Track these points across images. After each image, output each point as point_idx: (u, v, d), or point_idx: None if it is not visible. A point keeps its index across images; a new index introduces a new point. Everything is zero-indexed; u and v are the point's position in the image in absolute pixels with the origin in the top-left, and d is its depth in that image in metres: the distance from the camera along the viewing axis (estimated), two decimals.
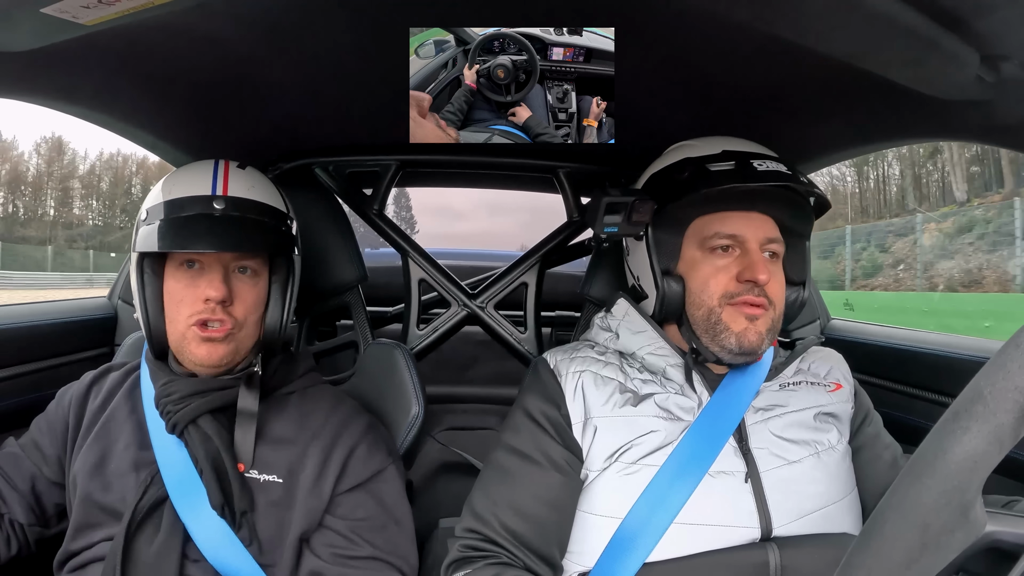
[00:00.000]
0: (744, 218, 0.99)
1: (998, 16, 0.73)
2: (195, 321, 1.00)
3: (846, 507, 0.97)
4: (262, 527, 0.99)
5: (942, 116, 1.01)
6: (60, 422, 1.09)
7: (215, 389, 1.02)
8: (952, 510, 0.46)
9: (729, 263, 0.99)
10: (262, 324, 1.07)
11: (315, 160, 1.60)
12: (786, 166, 0.99)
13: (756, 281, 0.96)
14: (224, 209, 1.02)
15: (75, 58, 0.95)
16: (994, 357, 0.47)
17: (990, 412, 0.45)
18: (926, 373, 1.41)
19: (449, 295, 1.67)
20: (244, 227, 1.03)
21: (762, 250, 0.99)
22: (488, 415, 2.01)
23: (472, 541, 0.95)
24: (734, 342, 0.97)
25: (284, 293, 1.08)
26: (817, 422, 1.00)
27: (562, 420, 1.00)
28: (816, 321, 1.83)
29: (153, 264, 1.03)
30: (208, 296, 0.99)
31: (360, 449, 1.06)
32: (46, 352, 1.48)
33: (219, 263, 1.02)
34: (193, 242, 0.99)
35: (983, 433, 0.45)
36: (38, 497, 1.06)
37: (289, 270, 1.09)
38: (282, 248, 1.08)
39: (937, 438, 0.47)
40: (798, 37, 0.83)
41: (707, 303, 0.99)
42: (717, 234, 0.99)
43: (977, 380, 0.47)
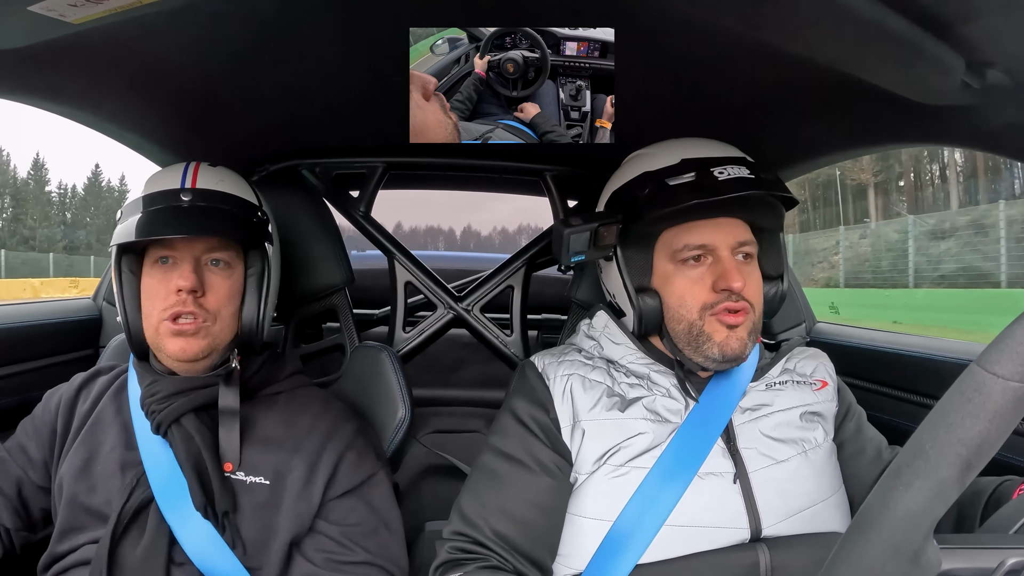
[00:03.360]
0: (711, 225, 0.98)
1: (983, 23, 0.74)
2: (168, 315, 1.00)
3: (834, 505, 0.97)
4: (247, 529, 0.98)
5: (928, 121, 1.02)
6: (47, 426, 1.08)
7: (197, 388, 1.02)
8: (902, 559, 0.46)
9: (703, 273, 0.98)
10: (239, 319, 1.07)
11: (301, 162, 1.59)
12: (748, 168, 0.97)
13: (731, 289, 0.95)
14: (191, 200, 1.04)
15: (62, 57, 0.94)
16: (937, 407, 0.47)
17: (931, 468, 0.46)
18: (911, 376, 1.43)
19: (435, 298, 1.66)
20: (210, 215, 1.05)
21: (734, 254, 0.98)
22: (474, 418, 2.00)
23: (461, 543, 0.95)
24: (717, 352, 0.96)
25: (260, 287, 1.08)
26: (803, 421, 1.00)
27: (551, 423, 0.99)
28: (802, 324, 1.83)
29: (131, 263, 1.04)
30: (179, 286, 0.99)
31: (350, 454, 1.06)
32: (30, 354, 1.47)
33: (190, 255, 1.03)
34: (159, 230, 1.01)
35: (925, 489, 0.46)
36: (24, 502, 1.05)
37: (264, 263, 1.09)
38: (252, 238, 1.08)
39: (880, 494, 0.48)
40: (785, 42, 0.83)
41: (687, 317, 0.98)
42: (686, 246, 0.98)
43: (919, 434, 0.47)
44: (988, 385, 0.45)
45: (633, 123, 1.09)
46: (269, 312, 1.11)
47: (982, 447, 0.45)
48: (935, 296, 14.23)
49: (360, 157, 1.61)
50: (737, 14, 0.77)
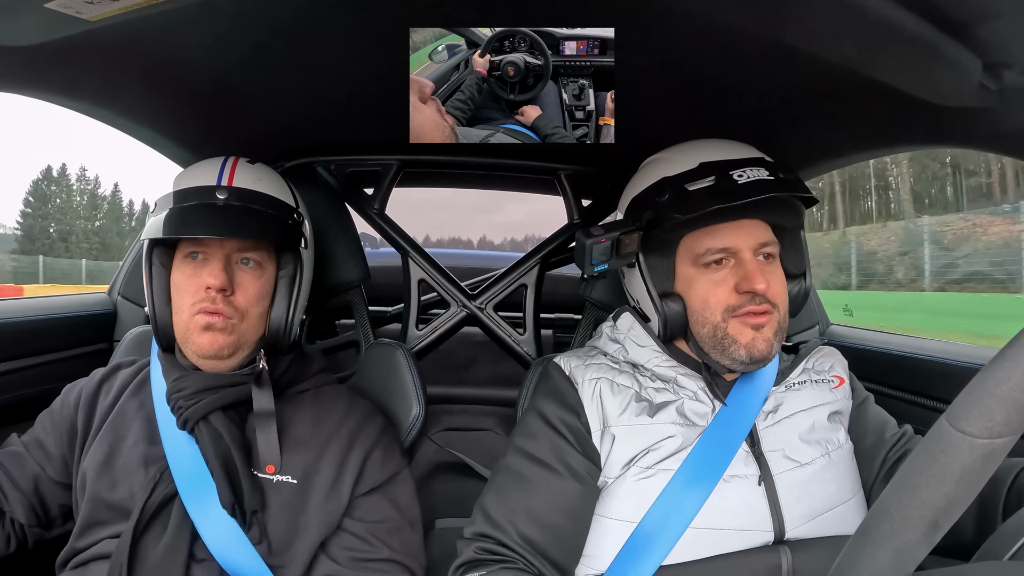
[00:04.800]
0: (733, 228, 0.97)
1: (1001, 24, 0.73)
2: (197, 310, 1.00)
3: (856, 506, 0.97)
4: (273, 528, 0.98)
5: (945, 122, 1.01)
6: (66, 421, 1.08)
7: (226, 386, 1.02)
8: None
9: (726, 275, 0.97)
10: (267, 319, 1.07)
11: (316, 159, 1.60)
12: (768, 169, 0.96)
13: (755, 291, 0.95)
14: (226, 199, 1.03)
15: (78, 53, 0.95)
16: (903, 467, 0.47)
17: (896, 531, 0.46)
18: (925, 379, 1.41)
19: (449, 295, 1.67)
20: (245, 216, 1.03)
21: (757, 255, 0.98)
22: (486, 416, 2.01)
23: (487, 544, 0.94)
24: (744, 354, 0.96)
25: (291, 289, 1.08)
26: (826, 422, 1.01)
27: (581, 428, 0.99)
28: (815, 326, 1.83)
29: (162, 256, 1.04)
30: (208, 284, 0.99)
31: (376, 452, 1.06)
32: (46, 347, 1.48)
33: (221, 252, 1.02)
34: (192, 228, 1.00)
35: (890, 551, 0.46)
36: (41, 498, 1.05)
37: (297, 265, 1.09)
38: (287, 240, 1.07)
39: (849, 554, 0.49)
40: (801, 42, 0.83)
41: (711, 320, 0.98)
42: (708, 250, 0.97)
43: (885, 495, 0.48)
44: (955, 444, 0.44)
45: (649, 123, 1.09)
46: (298, 314, 1.11)
47: (949, 508, 0.45)
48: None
49: (375, 155, 1.62)
50: (753, 13, 0.77)
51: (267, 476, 1.00)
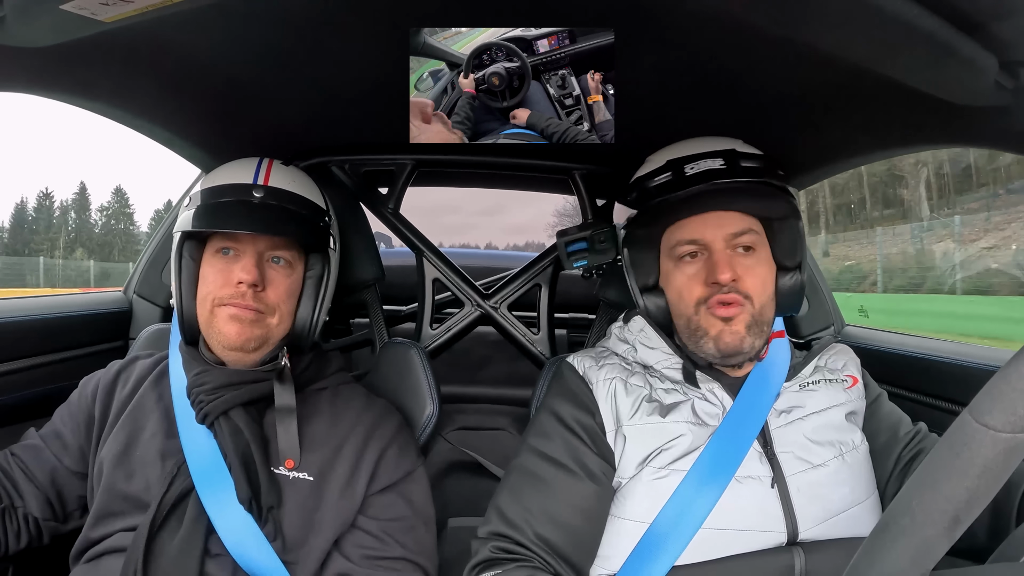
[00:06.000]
0: (700, 221, 0.99)
1: (1017, 21, 0.73)
2: (225, 302, 1.02)
3: (870, 508, 0.97)
4: (288, 524, 0.98)
5: (960, 122, 1.00)
6: (83, 411, 1.09)
7: (248, 382, 1.03)
8: None
9: (698, 268, 0.99)
10: (293, 318, 1.08)
11: (331, 159, 1.61)
12: (724, 159, 0.99)
13: (719, 282, 0.96)
14: (262, 197, 1.05)
15: (94, 54, 0.96)
16: (925, 461, 0.47)
17: (917, 526, 0.46)
18: (941, 381, 1.40)
19: (463, 295, 1.68)
20: (280, 215, 1.06)
21: (732, 247, 0.99)
22: (499, 415, 2.01)
23: (503, 543, 0.94)
24: (712, 347, 0.97)
25: (318, 289, 1.10)
26: (841, 423, 1.00)
27: (596, 427, 1.00)
28: (830, 327, 1.81)
29: (192, 249, 1.06)
30: (240, 279, 1.01)
31: (391, 450, 1.07)
32: (62, 344, 1.50)
33: (253, 249, 1.04)
34: (227, 223, 1.03)
35: (910, 547, 0.46)
36: (59, 490, 1.07)
37: (324, 267, 1.11)
38: (316, 241, 1.10)
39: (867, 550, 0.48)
40: (815, 40, 0.83)
41: (685, 312, 1.00)
42: (679, 242, 1.00)
43: (907, 490, 0.47)
44: (978, 438, 0.44)
45: (658, 120, 1.09)
46: (323, 314, 1.13)
47: (970, 503, 0.45)
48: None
49: (390, 154, 1.62)
50: (765, 11, 0.77)
51: (284, 472, 1.01)
